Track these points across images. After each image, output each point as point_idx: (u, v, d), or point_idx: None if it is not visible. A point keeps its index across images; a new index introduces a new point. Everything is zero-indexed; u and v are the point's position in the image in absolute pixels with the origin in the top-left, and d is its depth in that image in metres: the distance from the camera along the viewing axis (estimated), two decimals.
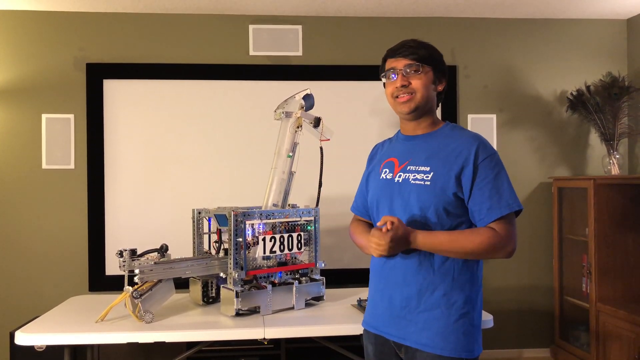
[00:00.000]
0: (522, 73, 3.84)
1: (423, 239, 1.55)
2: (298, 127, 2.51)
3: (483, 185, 1.53)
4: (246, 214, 2.31)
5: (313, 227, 2.50)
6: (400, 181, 1.64)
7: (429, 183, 1.57)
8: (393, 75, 1.67)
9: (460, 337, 1.54)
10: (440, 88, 1.70)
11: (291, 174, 2.53)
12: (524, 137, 3.84)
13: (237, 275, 2.26)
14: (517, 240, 1.55)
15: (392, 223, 1.54)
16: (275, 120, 2.57)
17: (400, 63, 1.65)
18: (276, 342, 3.25)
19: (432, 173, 1.58)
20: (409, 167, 1.63)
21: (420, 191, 1.58)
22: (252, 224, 2.32)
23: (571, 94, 3.81)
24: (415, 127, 1.70)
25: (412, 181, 1.60)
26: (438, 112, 1.79)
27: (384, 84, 1.74)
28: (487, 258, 1.57)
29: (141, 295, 2.20)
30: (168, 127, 3.61)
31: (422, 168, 1.60)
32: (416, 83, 1.64)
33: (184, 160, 3.62)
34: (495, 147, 3.75)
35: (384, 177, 1.70)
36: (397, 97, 1.66)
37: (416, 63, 1.64)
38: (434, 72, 1.67)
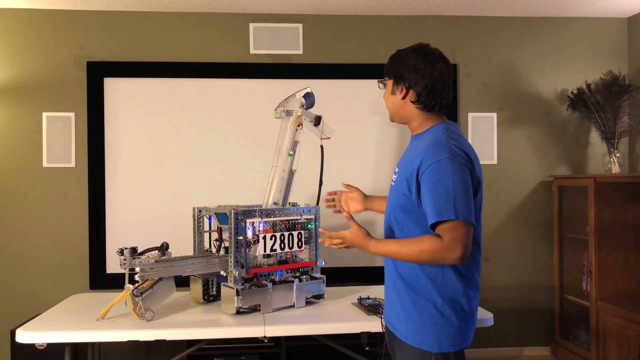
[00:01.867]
0: (522, 71, 3.84)
1: (375, 249, 1.69)
2: (299, 126, 2.51)
3: (425, 191, 1.56)
4: (247, 212, 2.31)
5: (313, 226, 2.50)
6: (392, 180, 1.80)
7: (394, 184, 1.73)
8: None
9: (421, 329, 1.62)
10: (400, 96, 1.71)
11: (292, 172, 2.53)
12: (525, 136, 3.84)
13: (238, 273, 2.26)
14: (466, 247, 1.51)
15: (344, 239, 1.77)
16: (275, 118, 2.57)
17: None
18: (277, 340, 3.25)
19: (397, 175, 1.72)
20: (396, 169, 1.78)
21: (391, 191, 1.75)
22: (253, 222, 2.33)
23: (572, 92, 3.81)
24: (411, 130, 1.78)
25: (392, 182, 1.77)
26: None
27: None
28: (437, 264, 1.59)
29: (142, 293, 2.20)
30: (168, 125, 3.61)
31: (396, 170, 1.75)
32: (385, 98, 1.79)
33: (185, 159, 3.62)
34: (495, 146, 3.78)
35: None
36: None
37: (381, 80, 1.80)
38: (394, 81, 1.72)
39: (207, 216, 2.63)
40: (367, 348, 2.46)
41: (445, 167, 1.54)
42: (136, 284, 2.22)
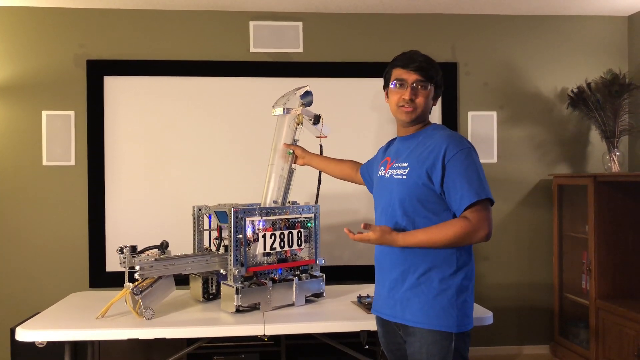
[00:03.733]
0: (522, 70, 3.84)
1: (403, 241, 1.74)
2: (298, 125, 2.51)
3: (454, 177, 1.70)
4: (246, 211, 2.31)
5: (313, 224, 2.50)
6: (387, 177, 1.87)
7: (405, 177, 1.78)
8: (401, 86, 1.84)
9: (440, 312, 1.71)
10: (435, 103, 1.91)
11: (291, 171, 2.53)
12: (525, 135, 3.84)
13: (238, 271, 2.26)
14: (491, 225, 1.70)
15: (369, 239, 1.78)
16: (274, 116, 2.56)
17: (411, 77, 1.82)
18: (276, 339, 3.25)
19: (408, 168, 1.79)
20: (395, 165, 1.86)
21: (400, 185, 1.79)
22: (253, 221, 2.33)
23: (572, 91, 3.80)
24: (407, 130, 1.90)
25: (394, 177, 1.83)
26: (438, 110, 1.93)
27: (385, 88, 1.92)
28: (466, 244, 1.72)
29: (142, 291, 2.20)
30: (168, 123, 3.61)
31: (402, 164, 1.82)
32: (420, 99, 1.83)
33: (185, 157, 3.62)
34: (494, 145, 3.78)
35: (380, 175, 1.93)
36: (402, 106, 1.83)
37: (425, 81, 1.82)
38: (435, 89, 1.87)
39: (207, 214, 2.63)
40: (367, 346, 2.46)
41: (471, 155, 1.73)
42: (136, 283, 2.22)
